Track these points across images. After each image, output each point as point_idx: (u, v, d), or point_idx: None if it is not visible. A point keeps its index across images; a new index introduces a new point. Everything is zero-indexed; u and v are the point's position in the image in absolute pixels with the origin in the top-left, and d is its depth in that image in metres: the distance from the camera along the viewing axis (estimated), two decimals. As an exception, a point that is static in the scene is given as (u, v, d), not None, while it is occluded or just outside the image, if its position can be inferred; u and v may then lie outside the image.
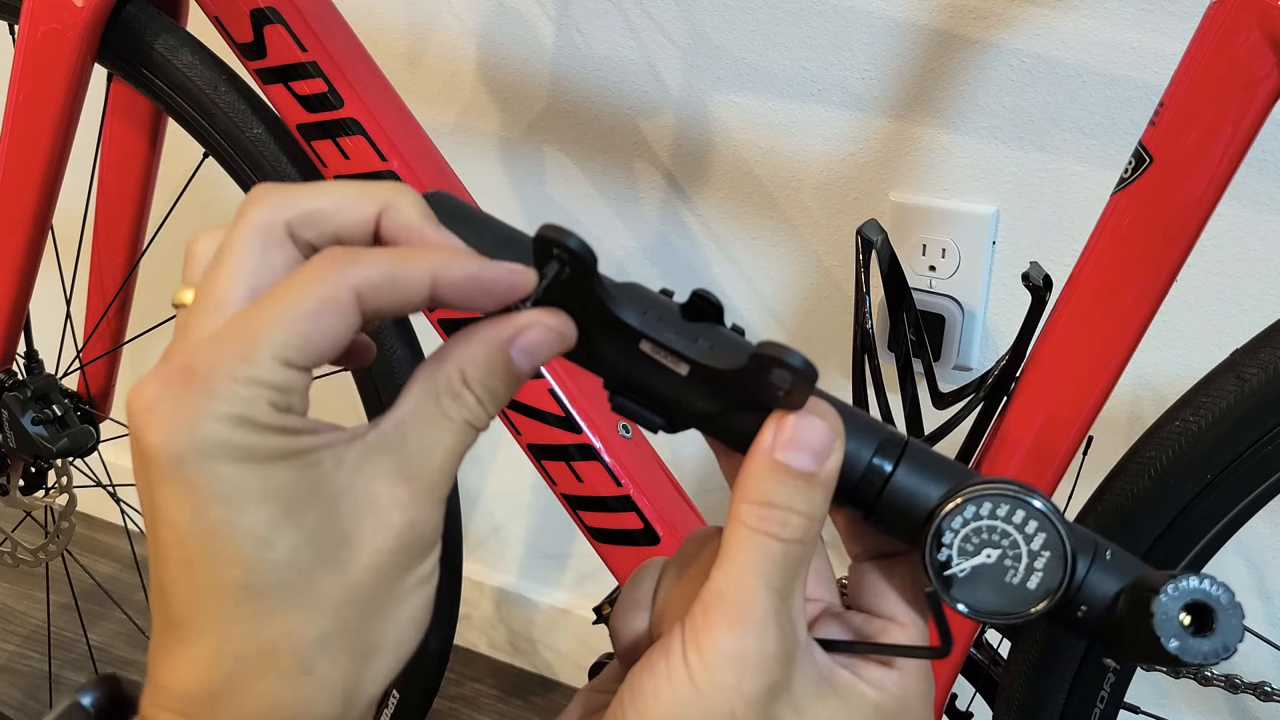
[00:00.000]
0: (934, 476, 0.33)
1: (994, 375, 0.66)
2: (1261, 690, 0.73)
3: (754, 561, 0.30)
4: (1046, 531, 0.31)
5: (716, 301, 0.32)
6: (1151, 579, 0.31)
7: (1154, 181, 0.56)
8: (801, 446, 0.30)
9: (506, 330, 0.31)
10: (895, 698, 0.32)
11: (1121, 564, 0.32)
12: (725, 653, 0.29)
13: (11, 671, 1.37)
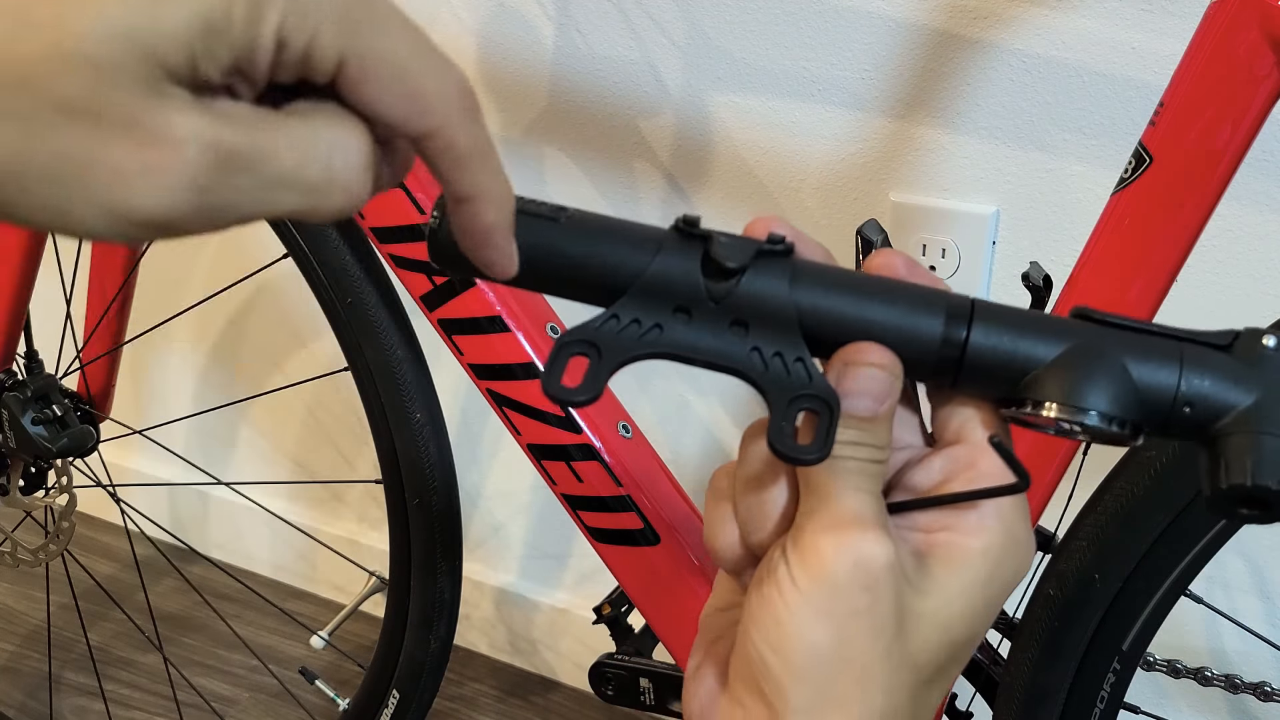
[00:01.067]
0: (1010, 334, 0.33)
1: (994, 375, 0.66)
2: (1261, 690, 0.73)
3: (843, 482, 0.32)
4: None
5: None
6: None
7: (1154, 181, 0.56)
8: (862, 394, 0.33)
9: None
10: (999, 533, 0.33)
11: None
12: (840, 558, 0.32)
13: (11, 671, 1.37)
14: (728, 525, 0.36)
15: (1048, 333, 0.33)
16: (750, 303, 0.33)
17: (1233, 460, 0.31)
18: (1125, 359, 0.32)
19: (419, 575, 0.87)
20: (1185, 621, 0.96)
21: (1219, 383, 0.32)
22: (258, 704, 1.32)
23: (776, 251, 0.33)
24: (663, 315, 0.34)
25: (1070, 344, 0.33)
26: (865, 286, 0.34)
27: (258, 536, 1.51)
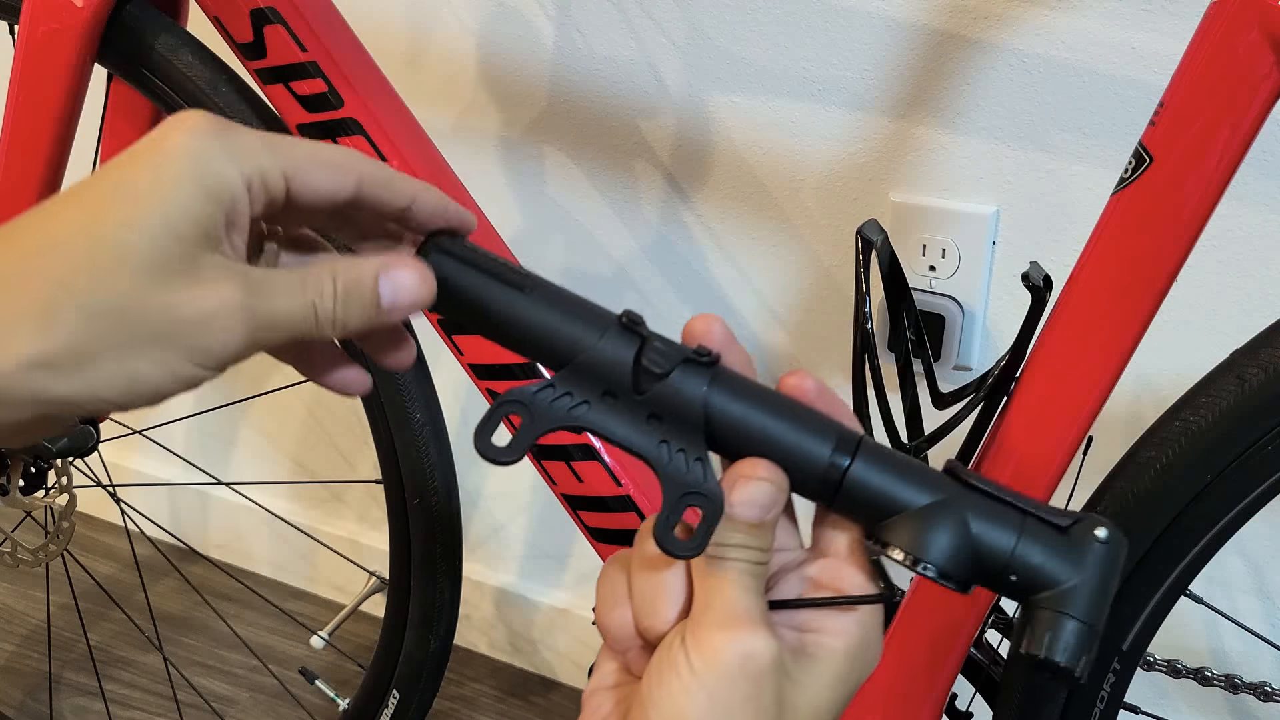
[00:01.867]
0: (885, 475, 0.38)
1: (994, 375, 0.66)
2: (1261, 690, 0.73)
3: (730, 580, 0.37)
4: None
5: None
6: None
7: (1154, 181, 0.56)
8: (751, 504, 0.38)
9: (386, 260, 0.38)
10: (858, 637, 0.39)
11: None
12: (731, 653, 0.36)
13: (11, 672, 1.37)
14: (621, 606, 0.40)
15: (916, 483, 0.38)
16: (667, 403, 0.38)
17: (1037, 631, 0.37)
18: (972, 522, 0.38)
19: (419, 575, 0.87)
20: (1185, 621, 0.96)
21: (1046, 560, 0.37)
22: (257, 704, 1.32)
23: (700, 362, 0.38)
24: (592, 394, 0.39)
25: (931, 499, 0.38)
26: (771, 404, 0.39)
27: (258, 536, 1.51)
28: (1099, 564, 0.37)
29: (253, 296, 0.35)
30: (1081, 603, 0.37)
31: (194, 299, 0.34)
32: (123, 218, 0.33)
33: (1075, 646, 0.37)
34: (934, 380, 0.71)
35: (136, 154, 0.35)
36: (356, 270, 0.38)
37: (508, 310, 0.39)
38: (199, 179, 0.34)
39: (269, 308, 0.36)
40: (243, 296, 0.35)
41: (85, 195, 0.34)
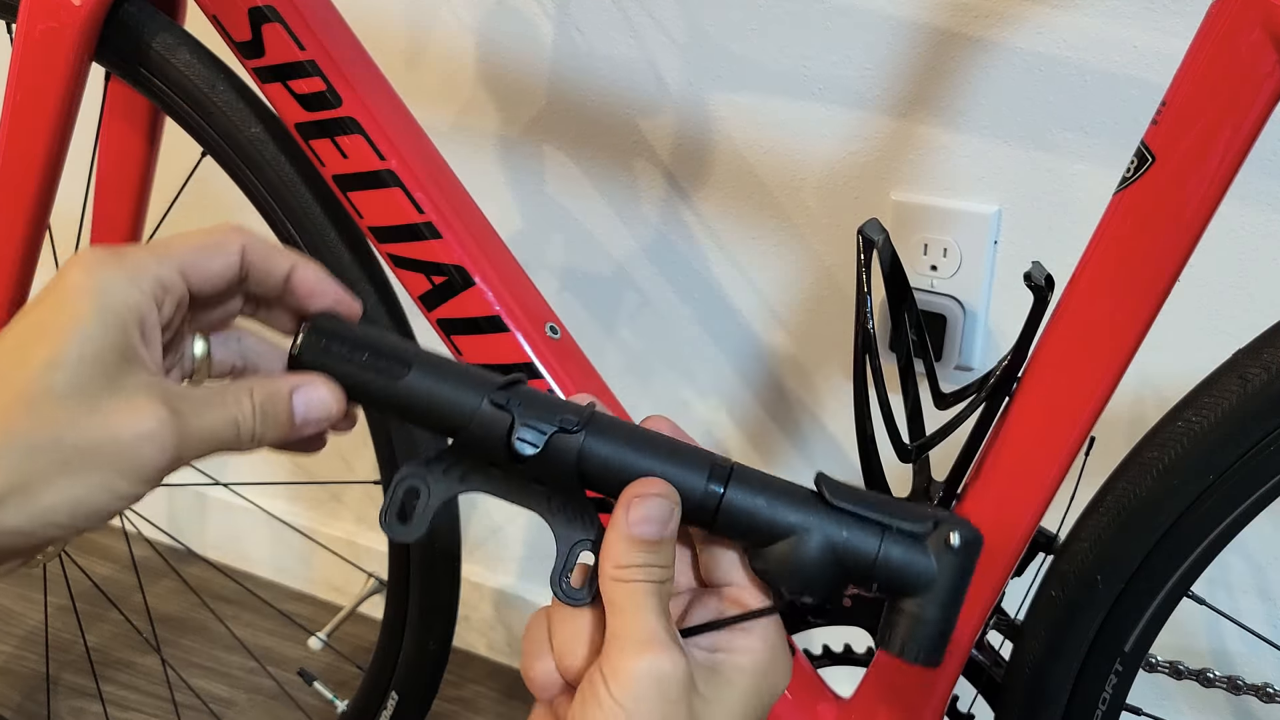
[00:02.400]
0: (758, 500, 0.42)
1: (996, 375, 0.66)
2: (1264, 692, 0.73)
3: (637, 602, 0.39)
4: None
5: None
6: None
7: (1156, 181, 0.56)
8: (648, 521, 0.40)
9: (299, 380, 0.41)
10: (762, 654, 0.41)
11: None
12: (643, 675, 0.37)
13: (9, 673, 1.36)
14: (544, 656, 0.42)
15: (786, 504, 0.42)
16: (545, 470, 0.41)
17: (893, 629, 0.41)
18: (837, 540, 0.41)
19: (418, 576, 0.87)
20: (1187, 623, 0.96)
21: (905, 567, 0.41)
22: (256, 705, 1.32)
23: (569, 431, 0.41)
24: (478, 465, 0.42)
25: (801, 520, 0.41)
26: (646, 445, 0.42)
27: (256, 537, 1.50)
28: (951, 569, 0.41)
29: (179, 414, 0.38)
30: (934, 605, 0.41)
31: (125, 422, 0.37)
32: (46, 357, 0.36)
33: (927, 645, 0.41)
34: (935, 380, 0.71)
35: (44, 298, 0.38)
36: (273, 387, 0.41)
37: (390, 394, 0.42)
38: (103, 306, 0.37)
39: (195, 424, 0.39)
40: (169, 413, 0.37)
41: (5, 343, 0.37)
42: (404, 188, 0.69)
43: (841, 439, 1.05)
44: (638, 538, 0.40)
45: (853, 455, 1.05)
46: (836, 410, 1.04)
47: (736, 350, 1.07)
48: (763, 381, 1.07)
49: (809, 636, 0.83)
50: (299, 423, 0.42)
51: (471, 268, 0.69)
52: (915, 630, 0.41)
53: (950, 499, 0.69)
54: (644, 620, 0.39)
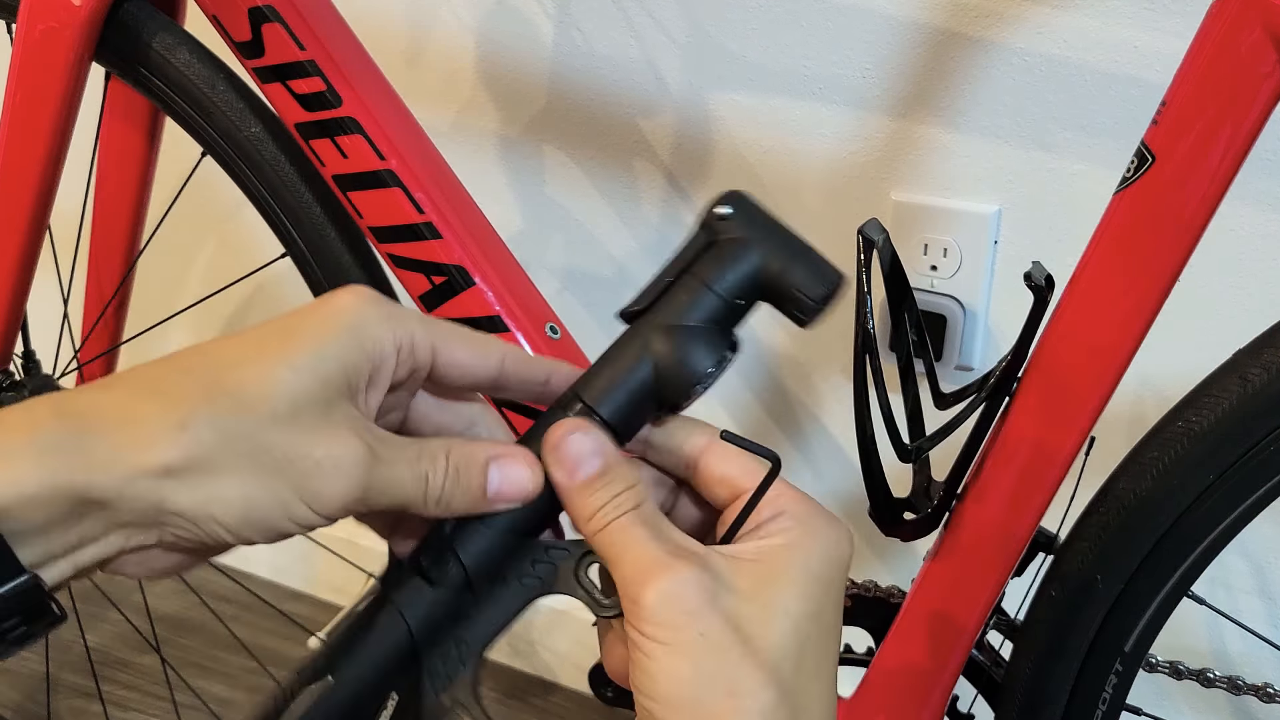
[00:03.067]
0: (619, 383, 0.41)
1: (996, 375, 0.66)
2: (1264, 692, 0.73)
3: (623, 540, 0.37)
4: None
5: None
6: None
7: (1156, 181, 0.56)
8: (580, 461, 0.39)
9: (499, 450, 0.39)
10: (795, 523, 0.38)
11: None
12: (659, 603, 0.35)
13: (9, 673, 1.36)
14: (619, 648, 0.39)
15: (629, 361, 0.40)
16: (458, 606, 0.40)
17: (790, 310, 0.41)
18: (688, 320, 0.40)
19: (418, 576, 0.87)
20: (1188, 623, 0.96)
21: (734, 274, 0.42)
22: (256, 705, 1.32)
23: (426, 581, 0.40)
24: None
25: (648, 350, 0.40)
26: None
27: (256, 537, 1.51)
28: (737, 232, 0.44)
29: (375, 455, 0.37)
30: (786, 262, 0.42)
31: (322, 442, 0.36)
32: (279, 355, 0.36)
33: (810, 292, 0.42)
34: (936, 380, 0.71)
35: (308, 307, 0.38)
36: (469, 452, 0.39)
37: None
38: (356, 331, 0.37)
39: (387, 471, 0.37)
40: (365, 451, 0.37)
41: (251, 332, 0.37)
42: (404, 188, 0.69)
43: (841, 439, 1.05)
44: (584, 482, 0.38)
45: (853, 455, 1.05)
46: (836, 410, 1.04)
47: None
48: (763, 381, 1.07)
49: (809, 636, 0.83)
50: (491, 496, 0.39)
51: (471, 268, 0.69)
52: (795, 296, 0.41)
53: (950, 499, 0.69)
54: (636, 552, 0.37)
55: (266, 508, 0.36)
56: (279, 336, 0.37)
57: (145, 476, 0.34)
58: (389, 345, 0.38)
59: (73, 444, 0.33)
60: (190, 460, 0.34)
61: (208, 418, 0.34)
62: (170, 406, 0.34)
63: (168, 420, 0.34)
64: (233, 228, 1.30)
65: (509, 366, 0.41)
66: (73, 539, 0.34)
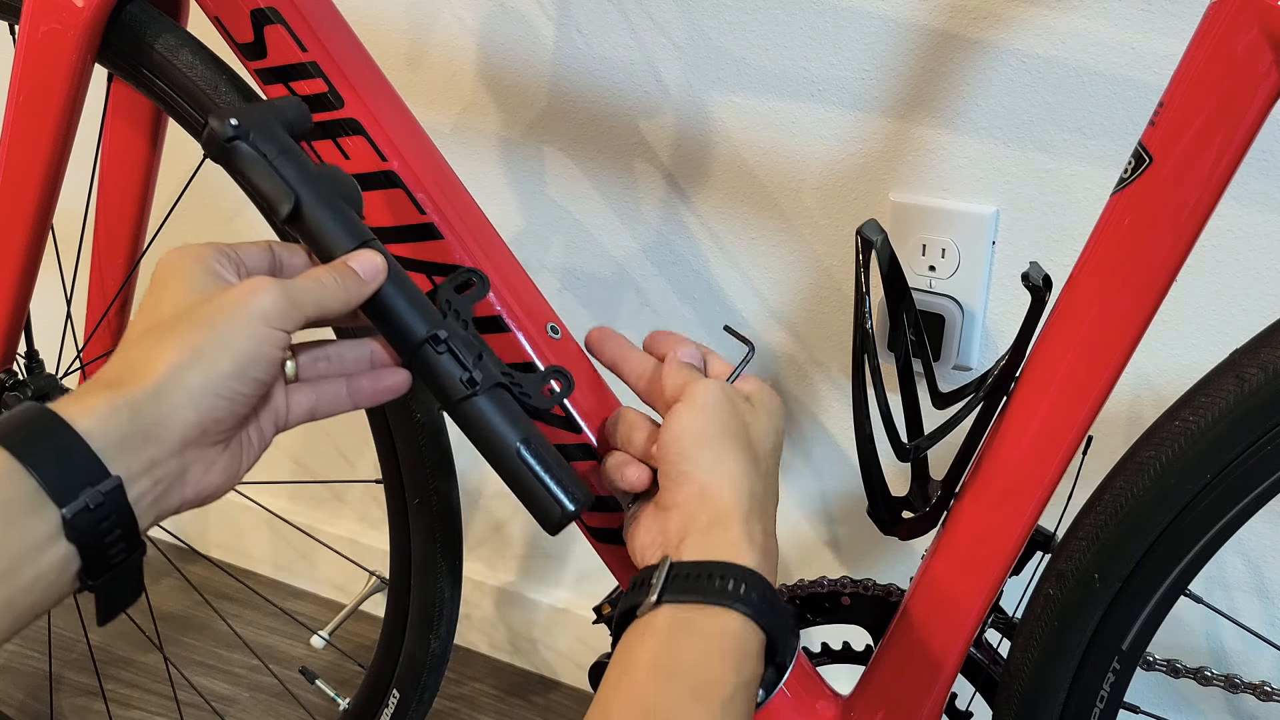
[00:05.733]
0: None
1: (994, 375, 0.66)
2: (1261, 690, 0.73)
3: (689, 374, 0.62)
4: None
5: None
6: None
7: (1154, 181, 0.56)
8: (683, 357, 0.64)
9: (350, 255, 0.55)
10: (756, 384, 0.64)
11: None
12: (703, 389, 0.59)
13: (12, 671, 1.37)
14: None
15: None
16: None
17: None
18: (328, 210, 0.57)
19: (419, 575, 0.87)
20: (1185, 621, 0.96)
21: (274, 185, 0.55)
22: (258, 704, 1.32)
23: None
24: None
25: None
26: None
27: (258, 536, 1.51)
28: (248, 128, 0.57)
29: (278, 280, 0.51)
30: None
31: (240, 288, 0.51)
32: (171, 291, 0.52)
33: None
34: (934, 380, 0.71)
35: (151, 280, 0.53)
36: (337, 263, 0.55)
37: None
38: (189, 258, 0.53)
39: (291, 285, 0.51)
40: (264, 277, 0.52)
41: (140, 311, 0.52)
42: (405, 189, 0.70)
43: (840, 438, 1.05)
44: (680, 363, 0.63)
45: (851, 454, 1.06)
46: (835, 410, 1.05)
47: (736, 350, 1.07)
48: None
49: (808, 635, 0.83)
50: (366, 279, 0.54)
51: (473, 268, 0.70)
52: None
53: (948, 498, 0.69)
54: (695, 375, 0.62)
55: (244, 346, 0.49)
56: (157, 289, 0.52)
57: (165, 378, 0.47)
58: (210, 251, 0.53)
59: (114, 381, 0.47)
60: (182, 353, 0.48)
61: (170, 332, 0.49)
62: (152, 343, 0.49)
63: (157, 347, 0.49)
64: (235, 228, 1.30)
65: (276, 250, 0.56)
66: (145, 459, 0.47)
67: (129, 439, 0.46)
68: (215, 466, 0.51)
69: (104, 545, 0.46)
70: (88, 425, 0.45)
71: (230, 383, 0.49)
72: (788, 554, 1.12)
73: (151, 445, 0.47)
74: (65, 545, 0.45)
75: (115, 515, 0.46)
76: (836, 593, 0.79)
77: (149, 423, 0.47)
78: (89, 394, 0.47)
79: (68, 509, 0.44)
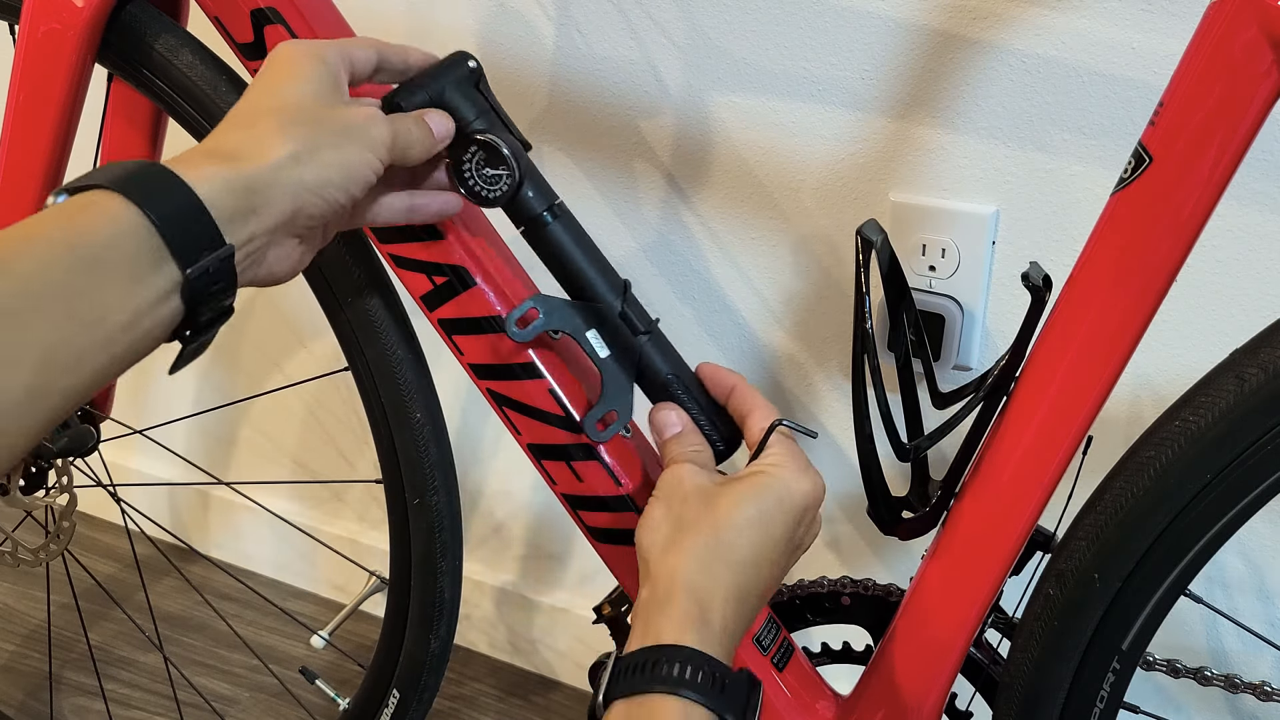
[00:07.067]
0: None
1: (994, 375, 0.66)
2: (1261, 690, 0.74)
3: (676, 467, 0.64)
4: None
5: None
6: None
7: (1154, 181, 0.56)
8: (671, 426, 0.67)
9: (422, 111, 0.61)
10: (775, 467, 0.61)
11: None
12: (670, 475, 0.63)
13: (12, 671, 1.37)
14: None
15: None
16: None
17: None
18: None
19: (419, 575, 0.87)
20: (1185, 621, 0.96)
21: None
22: (258, 703, 1.32)
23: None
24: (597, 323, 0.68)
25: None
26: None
27: (258, 536, 1.51)
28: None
29: (386, 117, 0.57)
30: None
31: (358, 113, 0.56)
32: (296, 84, 0.55)
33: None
34: (934, 380, 0.71)
35: (264, 70, 0.56)
36: (413, 115, 0.60)
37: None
38: (318, 59, 0.57)
39: (396, 123, 0.57)
40: (379, 112, 0.57)
41: (253, 93, 0.55)
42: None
43: (840, 438, 1.05)
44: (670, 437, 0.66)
45: (851, 454, 1.06)
46: (835, 410, 1.05)
47: (736, 350, 1.07)
48: (762, 381, 1.07)
49: (808, 635, 0.83)
50: (439, 136, 0.60)
51: (473, 268, 0.70)
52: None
53: (948, 498, 0.69)
54: (680, 468, 0.62)
55: (353, 161, 0.54)
56: (278, 79, 0.55)
57: (283, 164, 0.51)
58: (333, 55, 0.57)
59: (231, 155, 0.51)
60: (301, 147, 0.52)
61: (289, 121, 0.53)
62: (273, 128, 0.52)
63: (279, 134, 0.52)
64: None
65: (383, 50, 0.61)
66: (246, 232, 0.50)
67: (241, 211, 0.50)
68: (290, 254, 0.55)
69: (208, 306, 0.49)
70: (207, 191, 0.48)
71: (333, 190, 0.53)
72: (788, 554, 1.12)
73: (254, 221, 0.50)
74: (178, 302, 0.48)
75: (224, 280, 0.49)
76: (836, 593, 0.79)
77: (259, 201, 0.50)
78: (205, 162, 0.50)
79: (192, 270, 0.47)
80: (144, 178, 0.47)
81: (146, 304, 0.46)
